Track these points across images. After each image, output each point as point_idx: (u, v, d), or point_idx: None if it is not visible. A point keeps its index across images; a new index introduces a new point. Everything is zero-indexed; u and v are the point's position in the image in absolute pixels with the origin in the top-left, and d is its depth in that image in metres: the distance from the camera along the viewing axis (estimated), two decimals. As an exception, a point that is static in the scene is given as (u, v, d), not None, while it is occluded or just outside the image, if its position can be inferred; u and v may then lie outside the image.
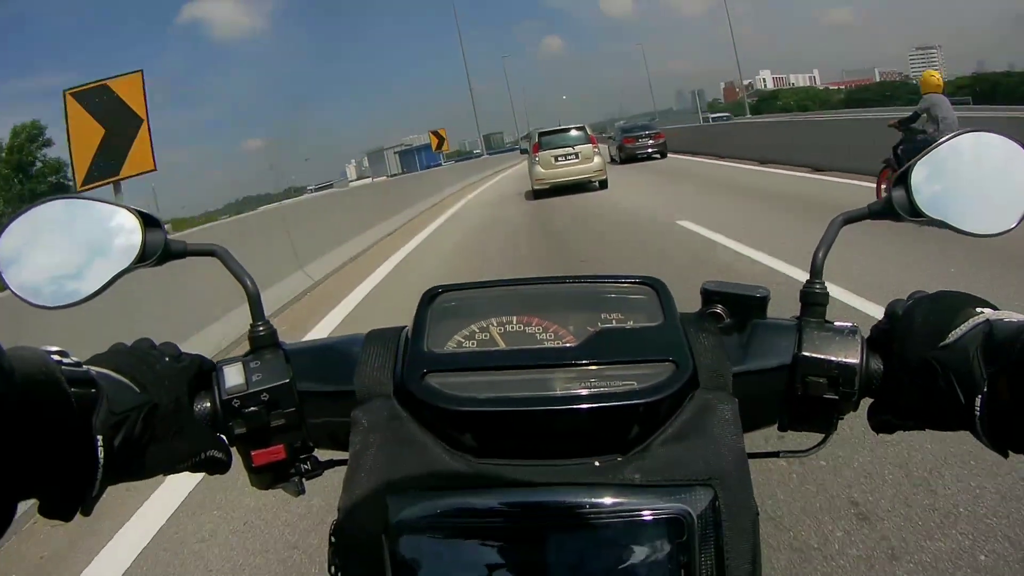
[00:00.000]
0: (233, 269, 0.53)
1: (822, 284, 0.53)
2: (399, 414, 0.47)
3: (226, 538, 2.24)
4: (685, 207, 8.51)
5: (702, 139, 19.47)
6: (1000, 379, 0.42)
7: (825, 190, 8.55)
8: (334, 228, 8.18)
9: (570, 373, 0.47)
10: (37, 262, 0.49)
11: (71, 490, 0.41)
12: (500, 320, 0.53)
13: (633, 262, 5.70)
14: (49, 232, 0.50)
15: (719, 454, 0.44)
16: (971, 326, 0.45)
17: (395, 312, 1.74)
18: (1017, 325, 0.43)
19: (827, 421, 0.52)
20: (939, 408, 0.45)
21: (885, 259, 4.65)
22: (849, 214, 0.54)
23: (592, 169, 12.91)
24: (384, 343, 0.51)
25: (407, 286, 5.78)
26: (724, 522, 0.42)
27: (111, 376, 0.45)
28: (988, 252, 4.30)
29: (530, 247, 7.36)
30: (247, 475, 0.53)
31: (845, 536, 1.86)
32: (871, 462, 2.20)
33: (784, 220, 6.87)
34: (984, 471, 2.06)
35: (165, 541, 2.28)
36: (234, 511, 2.38)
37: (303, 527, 2.18)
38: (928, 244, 4.77)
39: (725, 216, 7.41)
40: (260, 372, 0.50)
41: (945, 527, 1.84)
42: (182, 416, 0.48)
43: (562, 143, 13.24)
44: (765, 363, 0.51)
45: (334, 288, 6.41)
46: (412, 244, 8.81)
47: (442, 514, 0.43)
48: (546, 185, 12.93)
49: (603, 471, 0.44)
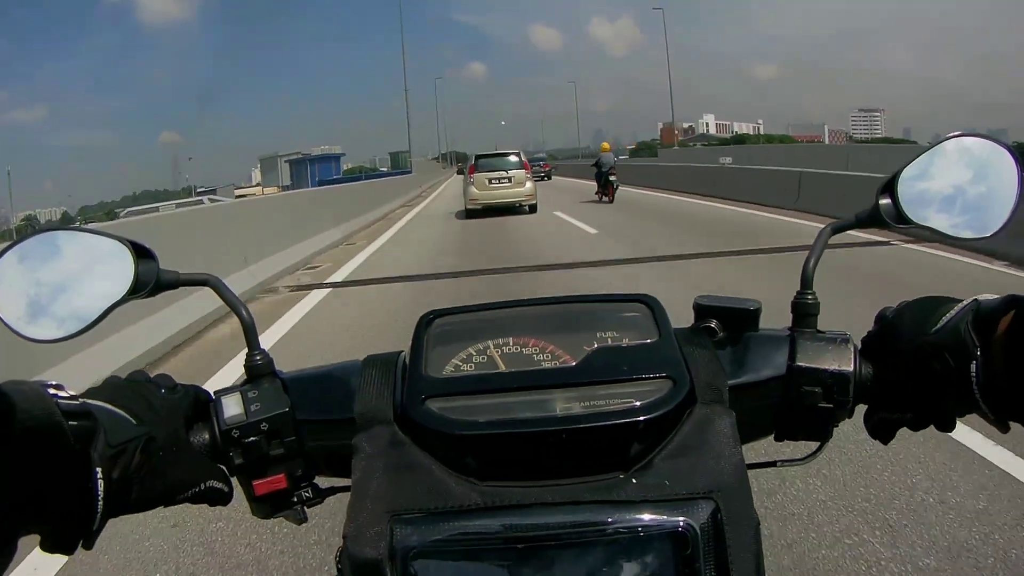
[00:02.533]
0: (227, 298, 0.53)
1: (813, 295, 0.54)
2: (401, 440, 0.47)
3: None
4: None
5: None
6: (993, 348, 0.42)
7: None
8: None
9: (569, 393, 0.48)
10: (29, 295, 0.49)
11: (72, 524, 0.41)
12: (497, 342, 0.53)
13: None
14: (41, 264, 0.50)
15: (719, 467, 0.45)
16: (959, 308, 0.46)
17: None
18: (1004, 297, 0.44)
19: (822, 429, 0.52)
20: (936, 391, 0.46)
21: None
22: (836, 224, 0.55)
23: (523, 194, 13.69)
24: (382, 369, 0.52)
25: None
26: (727, 533, 0.43)
27: (107, 408, 0.45)
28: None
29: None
30: (248, 504, 0.53)
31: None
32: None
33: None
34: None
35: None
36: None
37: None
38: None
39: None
40: (258, 402, 0.50)
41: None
42: (180, 447, 0.48)
43: (497, 167, 13.87)
44: (760, 375, 0.52)
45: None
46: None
47: (448, 538, 0.43)
48: (478, 205, 13.57)
49: (606, 489, 0.44)
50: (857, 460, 2.41)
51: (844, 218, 0.55)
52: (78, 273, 0.50)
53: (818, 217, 9.10)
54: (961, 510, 2.08)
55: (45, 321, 0.49)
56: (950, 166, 0.53)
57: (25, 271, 0.49)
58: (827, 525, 2.04)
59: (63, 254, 0.50)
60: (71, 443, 0.39)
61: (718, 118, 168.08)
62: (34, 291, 0.49)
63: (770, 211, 10.96)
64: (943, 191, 0.53)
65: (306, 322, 5.21)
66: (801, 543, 1.96)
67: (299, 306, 5.73)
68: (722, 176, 15.65)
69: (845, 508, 2.13)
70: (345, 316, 5.40)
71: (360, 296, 6.15)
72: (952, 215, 0.53)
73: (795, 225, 9.02)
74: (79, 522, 0.41)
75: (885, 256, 6.47)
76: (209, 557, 2.18)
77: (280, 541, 2.20)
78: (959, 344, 0.44)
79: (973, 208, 0.53)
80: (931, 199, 0.53)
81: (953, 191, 0.53)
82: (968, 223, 0.53)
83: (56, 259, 0.50)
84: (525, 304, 0.57)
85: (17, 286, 0.49)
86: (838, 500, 2.18)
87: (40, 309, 0.49)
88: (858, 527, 2.02)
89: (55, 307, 0.49)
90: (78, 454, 0.40)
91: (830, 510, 2.13)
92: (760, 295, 0.59)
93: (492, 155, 14.56)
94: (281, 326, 5.09)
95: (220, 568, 2.12)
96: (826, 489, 2.24)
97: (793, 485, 2.26)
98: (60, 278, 0.50)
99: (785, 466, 0.57)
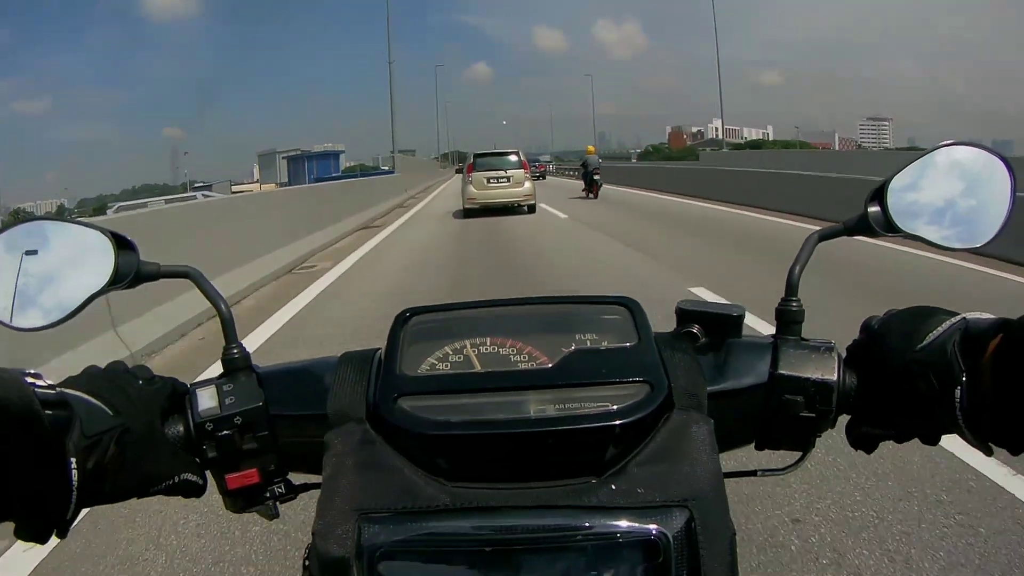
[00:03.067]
0: (207, 291, 0.53)
1: (798, 302, 0.53)
2: (372, 438, 0.47)
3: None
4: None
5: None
6: (979, 372, 0.42)
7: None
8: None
9: (544, 395, 0.47)
10: (9, 283, 0.49)
11: (45, 513, 0.41)
12: (474, 341, 0.53)
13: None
14: (27, 254, 0.50)
15: (695, 475, 0.44)
16: (947, 326, 0.45)
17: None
18: (993, 320, 0.43)
19: (804, 439, 0.52)
20: (920, 410, 0.45)
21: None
22: (824, 231, 0.54)
23: (522, 194, 13.43)
24: (357, 366, 0.51)
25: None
26: (701, 543, 0.42)
27: (84, 399, 0.45)
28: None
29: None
30: (222, 498, 0.52)
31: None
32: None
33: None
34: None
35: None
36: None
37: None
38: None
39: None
40: (233, 395, 0.50)
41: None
42: (155, 439, 0.48)
43: (495, 166, 13.61)
44: (741, 382, 0.51)
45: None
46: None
47: (416, 538, 0.43)
48: (476, 205, 13.28)
49: (579, 493, 0.44)
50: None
51: (832, 226, 0.54)
52: (62, 263, 0.50)
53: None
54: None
55: (30, 310, 0.49)
56: (941, 175, 0.52)
57: (6, 260, 0.50)
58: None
59: (49, 244, 0.51)
60: (47, 432, 0.39)
61: (727, 123, 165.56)
62: (20, 280, 0.50)
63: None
64: (933, 200, 0.52)
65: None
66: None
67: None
68: (776, 182, 13.13)
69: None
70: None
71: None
72: (942, 224, 0.52)
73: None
74: (53, 511, 0.41)
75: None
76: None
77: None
78: (945, 366, 0.43)
79: (963, 218, 0.52)
80: (921, 208, 0.52)
81: (943, 200, 0.52)
82: (958, 233, 0.52)
83: (42, 249, 0.51)
84: (504, 304, 0.57)
85: (2, 275, 0.49)
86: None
87: (26, 298, 0.49)
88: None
89: (40, 296, 0.50)
90: (54, 443, 0.40)
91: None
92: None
93: (490, 154, 14.30)
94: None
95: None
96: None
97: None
98: (45, 268, 0.50)
99: (766, 475, 0.56)
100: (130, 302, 4.26)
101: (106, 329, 4.19)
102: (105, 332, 4.16)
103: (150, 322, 4.59)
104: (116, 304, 4.11)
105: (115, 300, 4.03)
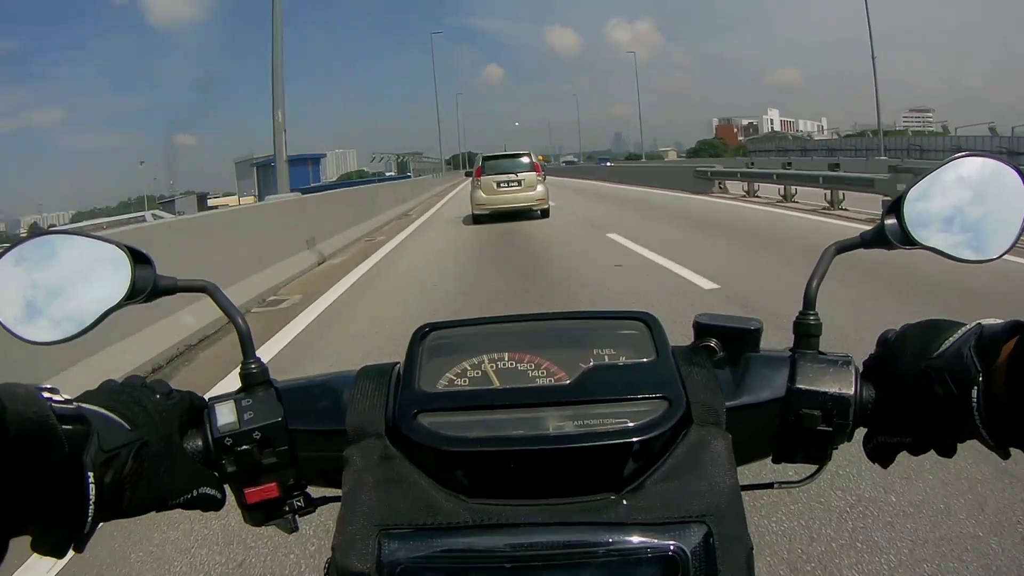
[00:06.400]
0: (223, 306, 0.53)
1: (815, 315, 0.53)
2: (392, 454, 0.47)
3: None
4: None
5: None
6: (995, 373, 0.42)
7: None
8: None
9: (563, 411, 0.47)
10: (26, 297, 0.49)
11: (63, 527, 0.41)
12: (492, 357, 0.53)
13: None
14: (39, 267, 0.50)
15: (713, 490, 0.44)
16: (963, 332, 0.45)
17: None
18: (1007, 323, 0.43)
19: (821, 452, 0.52)
20: (936, 415, 0.45)
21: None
22: (841, 243, 0.54)
23: (534, 197, 12.61)
24: (375, 381, 0.51)
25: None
26: (719, 558, 0.42)
27: (101, 413, 0.45)
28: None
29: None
30: (240, 512, 0.52)
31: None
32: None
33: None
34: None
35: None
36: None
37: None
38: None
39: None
40: (252, 411, 0.50)
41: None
42: (173, 453, 0.48)
43: (506, 169, 12.79)
44: (758, 397, 0.51)
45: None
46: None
47: (434, 554, 0.43)
48: (486, 211, 12.54)
49: (597, 510, 0.44)
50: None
51: (849, 239, 0.54)
52: (75, 277, 0.50)
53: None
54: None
55: (42, 323, 0.49)
56: (956, 186, 0.52)
57: (22, 273, 0.49)
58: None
59: (60, 258, 0.51)
60: (64, 447, 0.39)
61: (782, 115, 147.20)
62: (31, 293, 0.49)
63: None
64: (949, 212, 0.52)
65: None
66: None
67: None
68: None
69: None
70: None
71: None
72: (957, 236, 0.52)
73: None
74: (71, 525, 0.41)
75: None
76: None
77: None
78: (961, 369, 0.43)
79: (979, 228, 0.52)
80: (937, 219, 0.52)
81: (959, 211, 0.52)
82: (975, 243, 0.52)
83: (53, 263, 0.50)
84: (522, 320, 0.57)
85: (14, 288, 0.49)
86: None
87: (36, 311, 0.49)
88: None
89: (51, 310, 0.49)
90: (71, 458, 0.40)
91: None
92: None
93: (500, 156, 13.50)
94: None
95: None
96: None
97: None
98: (57, 281, 0.50)
99: (783, 488, 0.56)
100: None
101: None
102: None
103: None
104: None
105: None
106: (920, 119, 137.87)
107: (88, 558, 2.16)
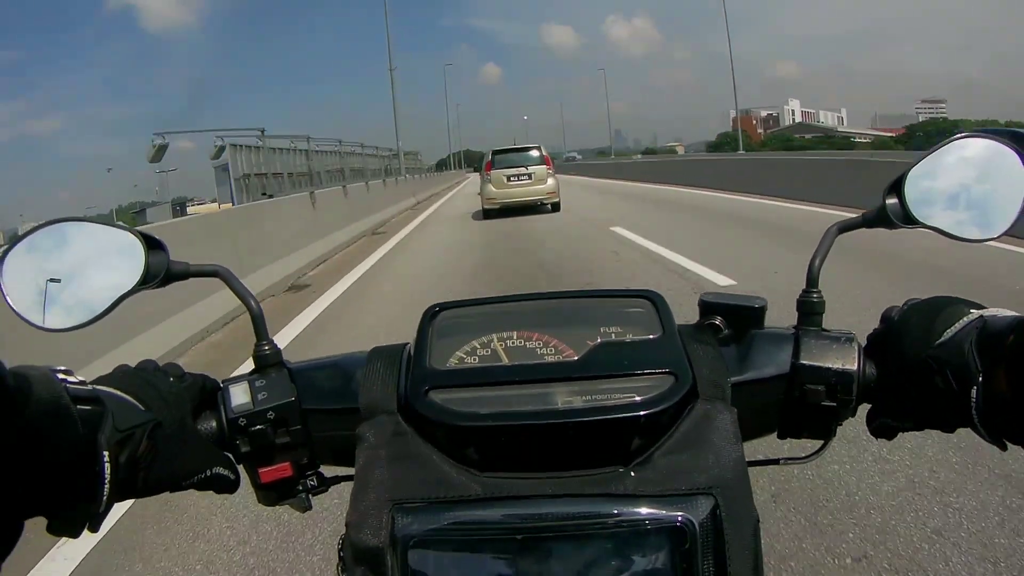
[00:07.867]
0: (236, 289, 0.54)
1: (819, 293, 0.54)
2: (404, 430, 0.47)
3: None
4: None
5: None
6: (996, 371, 0.42)
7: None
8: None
9: (572, 387, 0.48)
10: (40, 284, 0.50)
11: (78, 507, 0.41)
12: (501, 335, 0.53)
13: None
14: (51, 255, 0.50)
15: (719, 463, 0.45)
16: (965, 323, 0.46)
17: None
18: (1011, 319, 0.43)
19: (826, 428, 0.52)
20: (936, 405, 0.46)
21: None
22: (843, 223, 0.55)
23: (545, 191, 12.53)
24: (387, 360, 0.52)
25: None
26: (726, 530, 0.43)
27: (116, 395, 0.45)
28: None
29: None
30: (254, 492, 0.53)
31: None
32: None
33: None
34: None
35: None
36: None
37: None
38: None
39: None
40: (265, 391, 0.51)
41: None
42: (187, 434, 0.49)
43: (516, 162, 12.70)
44: (763, 373, 0.51)
45: None
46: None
47: (447, 527, 0.44)
48: (496, 205, 12.42)
49: (606, 482, 0.45)
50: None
51: (851, 218, 0.55)
52: (88, 264, 0.51)
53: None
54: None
55: (55, 310, 0.50)
56: (957, 166, 0.53)
57: (35, 261, 0.50)
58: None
59: (75, 245, 0.51)
60: (79, 427, 0.39)
61: (803, 105, 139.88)
62: (44, 281, 0.50)
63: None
64: (949, 191, 0.53)
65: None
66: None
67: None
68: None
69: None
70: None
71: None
72: (958, 215, 0.53)
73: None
74: (85, 505, 0.41)
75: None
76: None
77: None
78: (962, 365, 0.44)
79: (979, 208, 0.52)
80: (938, 199, 0.53)
81: (959, 191, 0.53)
82: (974, 222, 0.53)
83: (65, 250, 0.51)
84: (530, 298, 0.58)
85: (27, 276, 0.49)
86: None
87: (50, 298, 0.49)
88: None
89: (64, 296, 0.50)
90: (86, 438, 0.40)
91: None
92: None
93: (510, 150, 13.32)
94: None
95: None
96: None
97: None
98: (70, 269, 0.50)
99: (788, 464, 0.57)
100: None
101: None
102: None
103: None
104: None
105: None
106: (933, 109, 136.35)
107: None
